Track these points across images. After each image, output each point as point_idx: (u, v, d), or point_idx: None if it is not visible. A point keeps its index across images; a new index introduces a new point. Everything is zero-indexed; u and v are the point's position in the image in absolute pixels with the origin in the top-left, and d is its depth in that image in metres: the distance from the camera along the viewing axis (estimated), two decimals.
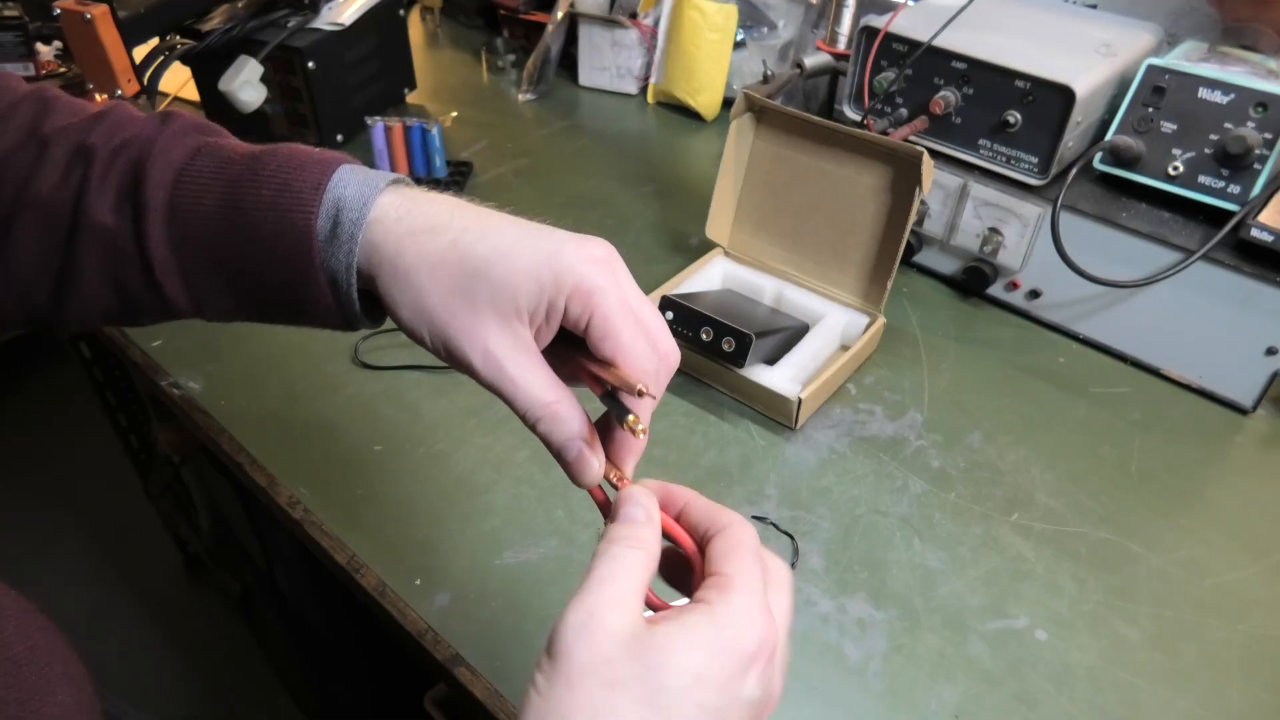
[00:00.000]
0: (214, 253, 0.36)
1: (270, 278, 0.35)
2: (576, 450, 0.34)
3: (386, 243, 0.35)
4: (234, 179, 0.35)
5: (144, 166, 0.35)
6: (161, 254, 0.36)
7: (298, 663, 1.30)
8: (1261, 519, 0.67)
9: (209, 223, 0.35)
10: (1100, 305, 0.80)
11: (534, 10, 1.34)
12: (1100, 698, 0.55)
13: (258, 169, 0.35)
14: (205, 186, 0.35)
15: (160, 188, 0.35)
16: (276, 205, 0.34)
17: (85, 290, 0.37)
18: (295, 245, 0.34)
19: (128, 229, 0.35)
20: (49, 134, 0.37)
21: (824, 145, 0.79)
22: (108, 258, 0.36)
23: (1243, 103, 0.71)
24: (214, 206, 0.35)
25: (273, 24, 1.01)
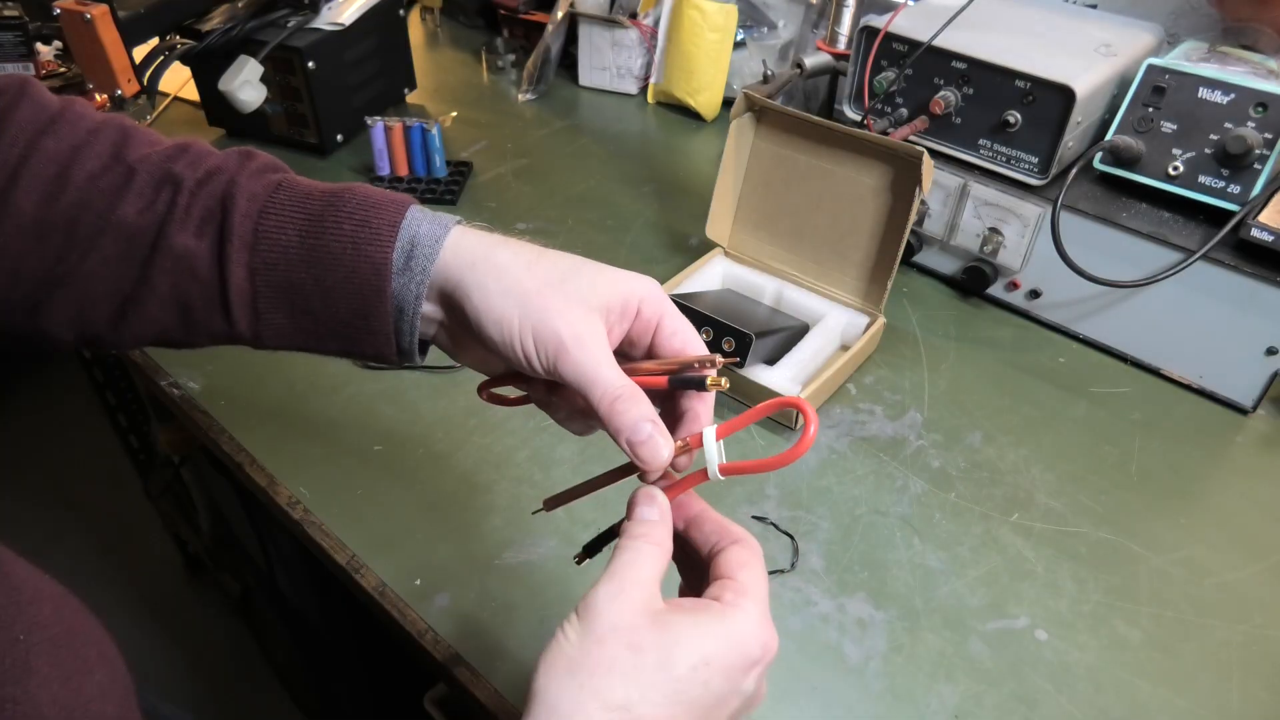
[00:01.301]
0: (288, 281, 0.38)
1: (340, 306, 0.38)
2: (648, 431, 0.36)
3: (476, 253, 0.38)
4: (315, 214, 0.38)
5: (230, 197, 0.38)
6: (239, 280, 0.38)
7: (298, 663, 1.30)
8: (1261, 519, 0.67)
9: (288, 252, 0.38)
10: (1100, 305, 0.80)
11: (534, 10, 1.34)
12: (1100, 698, 0.54)
13: (338, 205, 0.38)
14: (288, 219, 0.38)
15: (246, 217, 0.38)
16: (356, 239, 0.38)
17: (150, 313, 0.39)
18: (370, 276, 0.38)
19: (210, 254, 0.38)
20: (134, 161, 0.39)
21: (824, 145, 0.79)
22: (183, 281, 0.38)
23: (1243, 103, 0.71)
24: (295, 238, 0.38)
25: (273, 24, 1.01)
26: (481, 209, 1.00)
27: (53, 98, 0.41)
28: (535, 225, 0.97)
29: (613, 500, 0.42)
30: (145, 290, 0.39)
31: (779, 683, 0.55)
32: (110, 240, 0.38)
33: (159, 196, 0.38)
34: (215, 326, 0.40)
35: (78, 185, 0.38)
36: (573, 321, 0.37)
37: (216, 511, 1.40)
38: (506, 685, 0.54)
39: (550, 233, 0.96)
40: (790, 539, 0.63)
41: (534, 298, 0.37)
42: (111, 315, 0.39)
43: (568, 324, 0.37)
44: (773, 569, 0.61)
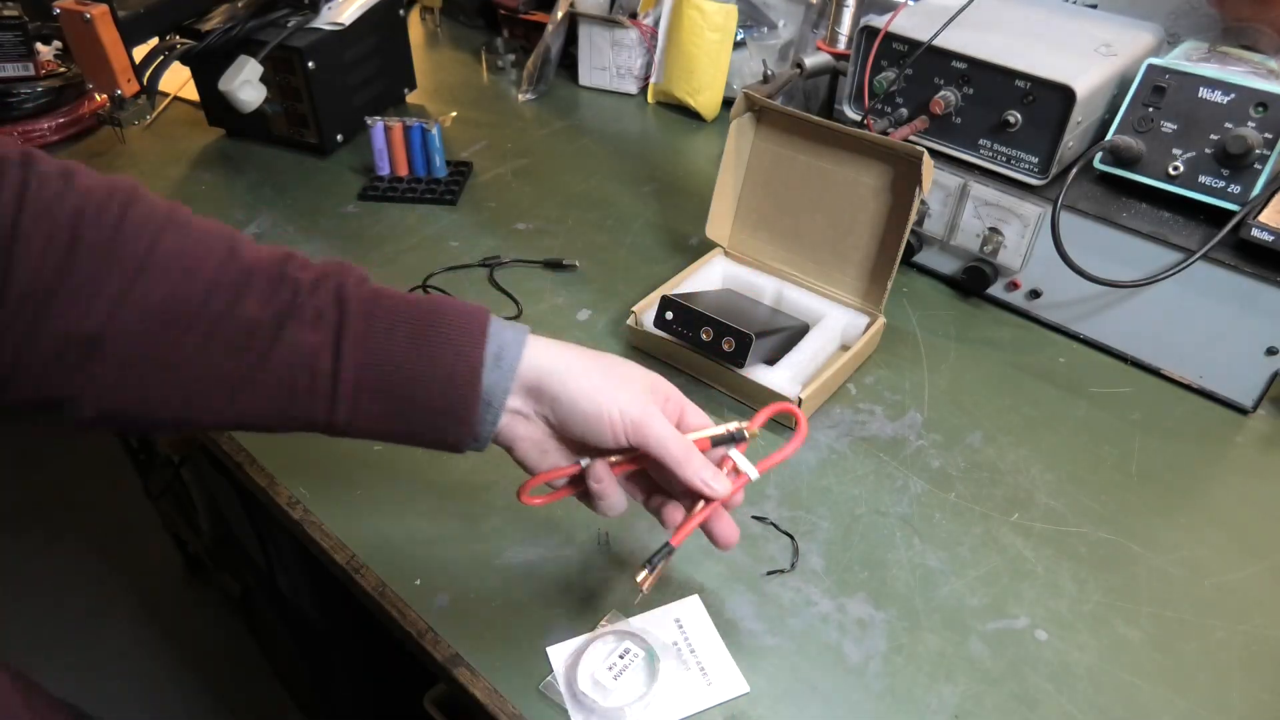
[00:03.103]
0: (394, 377, 0.43)
1: (437, 399, 0.44)
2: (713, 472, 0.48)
3: (549, 354, 0.46)
4: (419, 319, 0.44)
5: (344, 300, 0.43)
6: (349, 373, 0.42)
7: (298, 663, 1.29)
8: (1261, 519, 0.67)
9: (396, 352, 0.43)
10: (1100, 305, 0.80)
11: (534, 10, 1.34)
12: (1100, 698, 0.54)
13: (438, 313, 0.44)
14: (396, 322, 0.43)
15: (359, 318, 0.43)
16: (457, 343, 0.44)
17: (256, 400, 0.43)
18: (467, 374, 0.44)
19: (328, 349, 0.42)
20: (250, 261, 0.42)
21: (824, 145, 0.79)
22: (298, 372, 0.42)
23: (1243, 102, 0.71)
24: (403, 339, 0.43)
25: (272, 24, 1.01)
26: (481, 209, 1.00)
27: (160, 201, 0.43)
28: (535, 225, 0.97)
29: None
30: (259, 378, 0.42)
31: (779, 683, 0.55)
32: (233, 331, 0.41)
33: (278, 294, 0.42)
34: (313, 414, 0.43)
35: (204, 279, 0.41)
36: (645, 402, 0.47)
37: (216, 511, 1.39)
38: (506, 685, 0.54)
39: (550, 233, 0.96)
40: (790, 539, 0.63)
41: (614, 386, 0.47)
42: (219, 402, 0.43)
43: (643, 404, 0.47)
44: (773, 569, 0.61)
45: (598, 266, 0.90)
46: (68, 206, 0.40)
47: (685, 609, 0.58)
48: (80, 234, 0.39)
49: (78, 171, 0.41)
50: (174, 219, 0.42)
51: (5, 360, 0.39)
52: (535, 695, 0.53)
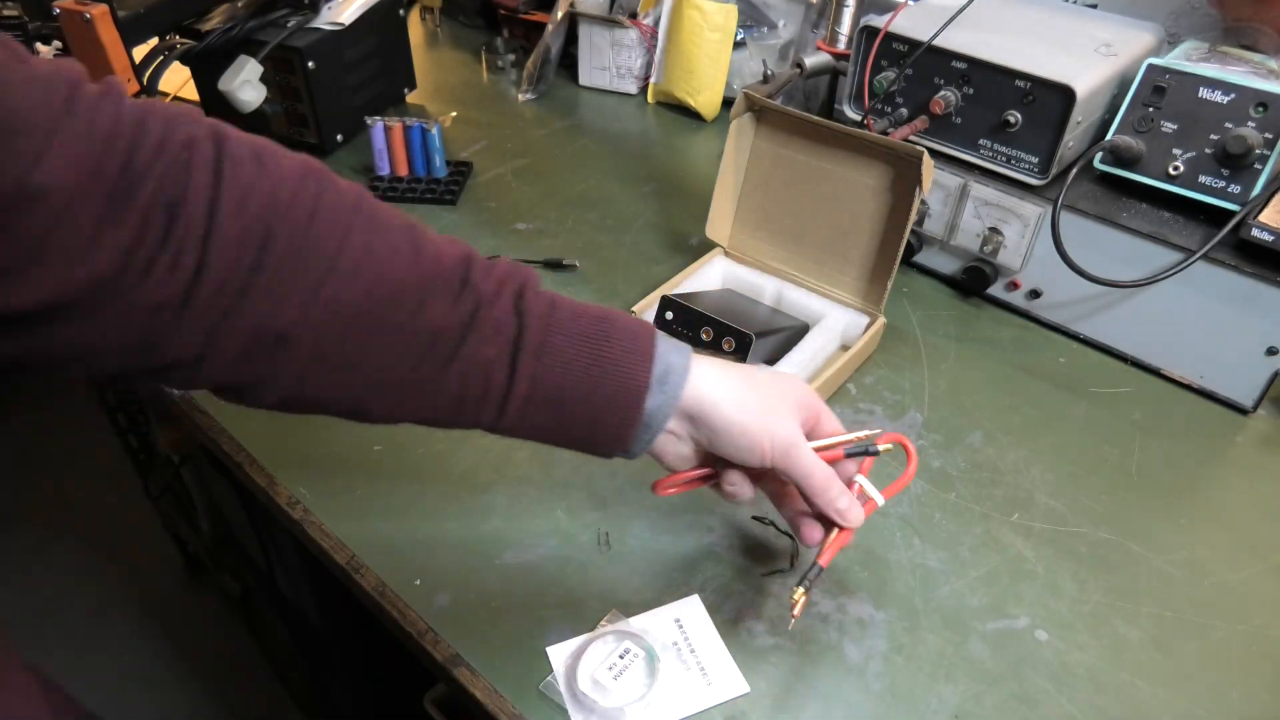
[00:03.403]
0: (564, 391, 0.45)
1: (601, 416, 0.46)
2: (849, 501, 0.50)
3: (709, 379, 0.48)
4: (591, 335, 0.45)
5: (523, 313, 0.44)
6: (523, 386, 0.44)
7: (298, 663, 1.29)
8: (1262, 519, 0.67)
9: (570, 368, 0.44)
10: (1100, 305, 0.80)
11: (534, 10, 1.34)
12: (1100, 698, 0.54)
13: (609, 331, 0.45)
14: (570, 338, 0.44)
15: (536, 333, 0.44)
16: (625, 363, 0.45)
17: (429, 402, 0.44)
18: (633, 394, 0.45)
19: (504, 363, 0.43)
20: (434, 265, 0.42)
21: (824, 145, 0.79)
22: (473, 382, 0.43)
23: (1243, 102, 0.71)
24: (576, 355, 0.44)
25: (272, 24, 1.01)
26: (481, 209, 1.00)
27: (345, 186, 0.43)
28: (535, 225, 0.97)
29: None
30: (436, 385, 0.43)
31: (779, 683, 0.55)
32: (417, 339, 0.42)
33: (461, 303, 0.43)
34: (479, 420, 0.45)
35: (391, 282, 0.41)
36: (794, 430, 0.49)
37: (216, 511, 1.39)
38: (506, 685, 0.54)
39: (550, 233, 0.96)
40: (790, 539, 0.63)
41: (766, 413, 0.48)
42: (392, 401, 0.44)
43: (792, 432, 0.49)
44: (772, 569, 0.61)
45: (598, 266, 0.90)
46: (261, 195, 0.39)
47: (685, 609, 0.58)
48: (274, 230, 0.39)
49: (266, 153, 0.40)
50: (360, 210, 0.42)
51: (194, 347, 0.39)
52: (535, 695, 0.53)
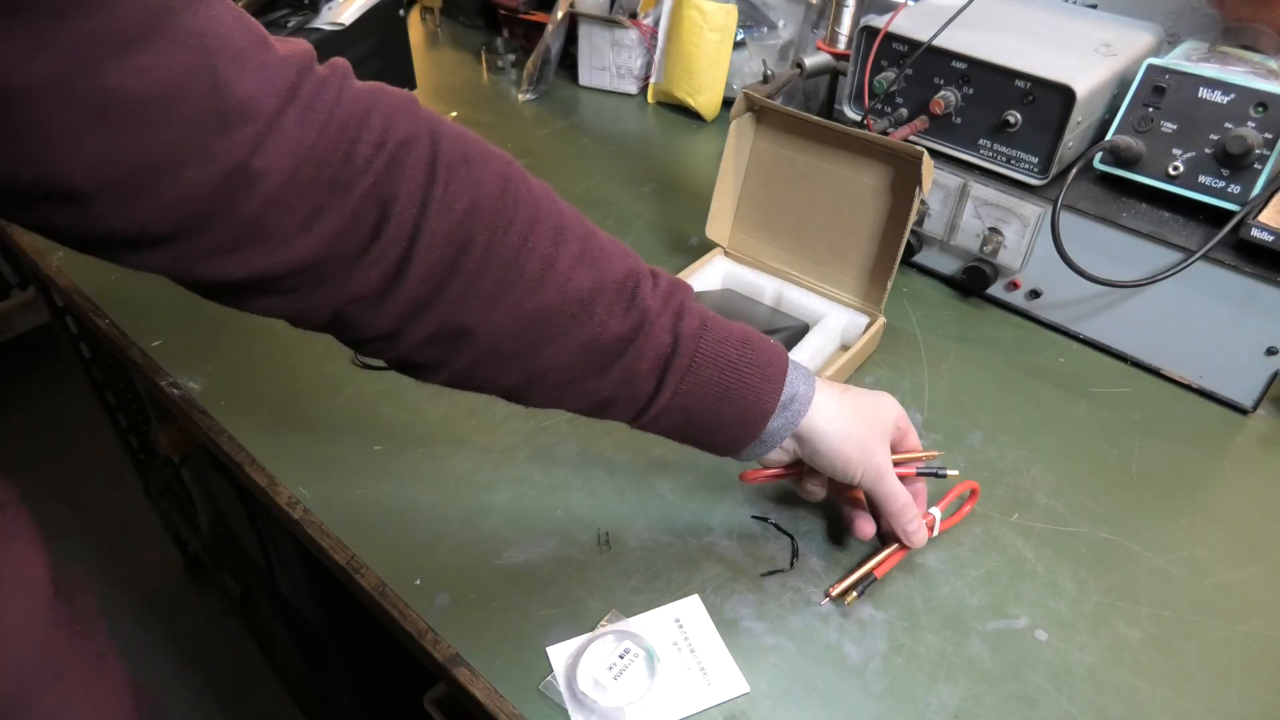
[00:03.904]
0: (697, 406, 0.49)
1: (724, 429, 0.51)
2: (920, 524, 0.59)
3: (825, 411, 0.53)
4: (733, 360, 0.49)
5: (678, 337, 0.47)
6: (664, 400, 0.48)
7: (298, 663, 1.30)
8: (1262, 519, 0.67)
9: (705, 387, 0.48)
10: (1100, 305, 0.80)
11: (534, 10, 1.34)
12: (1100, 698, 0.55)
13: (749, 356, 0.49)
14: (713, 361, 0.48)
15: (684, 355, 0.47)
16: (758, 389, 0.50)
17: (578, 399, 0.48)
18: (758, 417, 0.50)
19: (652, 379, 0.47)
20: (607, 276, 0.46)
21: (824, 145, 0.79)
22: (622, 389, 0.47)
23: (1243, 103, 0.71)
24: (713, 377, 0.48)
25: (272, 24, 1.01)
26: None
27: (534, 183, 0.46)
28: None
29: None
30: (592, 386, 0.47)
31: (779, 683, 0.55)
32: (585, 348, 0.45)
33: (629, 316, 0.46)
34: (621, 417, 0.50)
35: (572, 294, 0.44)
36: (883, 456, 0.55)
37: (216, 511, 1.40)
38: (506, 685, 0.54)
39: None
40: (790, 539, 0.63)
41: (865, 443, 0.54)
42: (552, 394, 0.48)
43: (883, 458, 0.55)
44: (772, 569, 0.61)
45: None
46: (466, 201, 0.41)
47: (685, 609, 0.58)
48: (474, 236, 0.41)
49: (474, 156, 0.43)
50: (549, 220, 0.45)
51: (383, 331, 0.43)
52: (535, 695, 0.53)
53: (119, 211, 0.34)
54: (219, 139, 0.35)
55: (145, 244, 0.37)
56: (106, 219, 0.35)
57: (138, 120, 0.33)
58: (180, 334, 0.80)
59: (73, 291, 0.85)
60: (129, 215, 0.35)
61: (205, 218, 0.36)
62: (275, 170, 0.36)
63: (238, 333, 0.80)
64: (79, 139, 0.32)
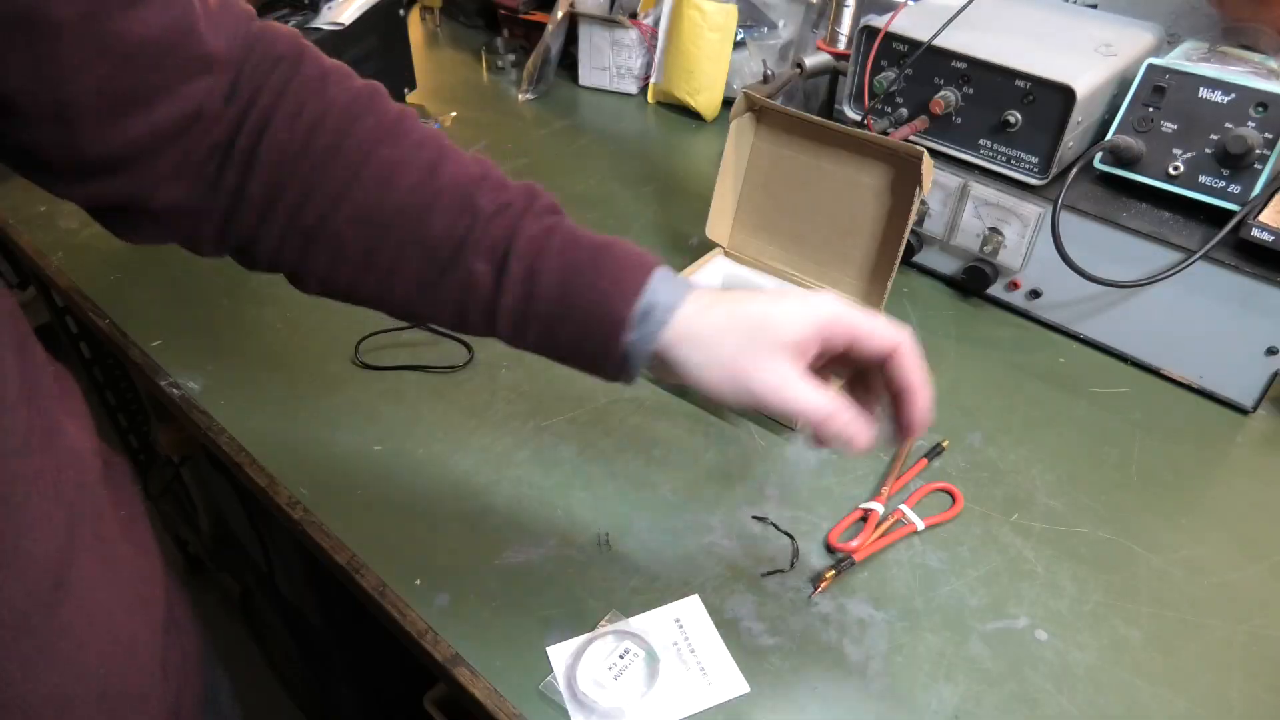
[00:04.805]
0: (548, 313, 0.46)
1: (583, 341, 0.47)
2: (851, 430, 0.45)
3: (690, 327, 0.46)
4: (579, 263, 0.46)
5: (515, 234, 0.46)
6: (508, 303, 0.46)
7: (298, 663, 1.30)
8: (1261, 519, 0.67)
9: (550, 291, 0.46)
10: (1100, 305, 0.80)
11: (534, 10, 1.34)
12: (1100, 698, 0.55)
13: (599, 260, 0.46)
14: (556, 265, 0.46)
15: (522, 257, 0.46)
16: (607, 293, 0.45)
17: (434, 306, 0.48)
18: (611, 327, 0.46)
19: (492, 280, 0.46)
20: (444, 183, 0.46)
21: (824, 145, 0.79)
22: (466, 293, 0.47)
23: (1243, 102, 0.71)
24: (557, 280, 0.46)
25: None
26: None
27: (392, 108, 0.48)
28: None
29: None
30: (439, 291, 0.47)
31: (779, 683, 0.55)
32: (419, 247, 0.46)
33: (460, 220, 0.46)
34: (483, 328, 0.48)
35: (399, 194, 0.46)
36: (766, 376, 0.45)
37: (216, 511, 1.40)
38: (506, 685, 0.54)
39: None
40: (790, 539, 0.63)
41: (730, 364, 0.45)
42: (410, 299, 0.48)
43: (761, 380, 0.45)
44: (773, 569, 0.61)
45: None
46: (311, 113, 0.46)
47: (685, 609, 0.58)
48: (312, 142, 0.46)
49: (332, 78, 0.47)
50: (395, 131, 0.47)
51: (246, 234, 0.47)
52: (535, 695, 0.53)
53: (100, 135, 0.41)
54: (186, 83, 0.42)
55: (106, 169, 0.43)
56: (86, 142, 0.41)
57: (134, 60, 0.40)
58: (180, 334, 0.80)
59: (73, 291, 0.85)
60: (107, 139, 0.41)
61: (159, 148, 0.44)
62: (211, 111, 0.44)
63: (238, 333, 0.80)
64: (89, 69, 0.39)
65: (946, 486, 0.67)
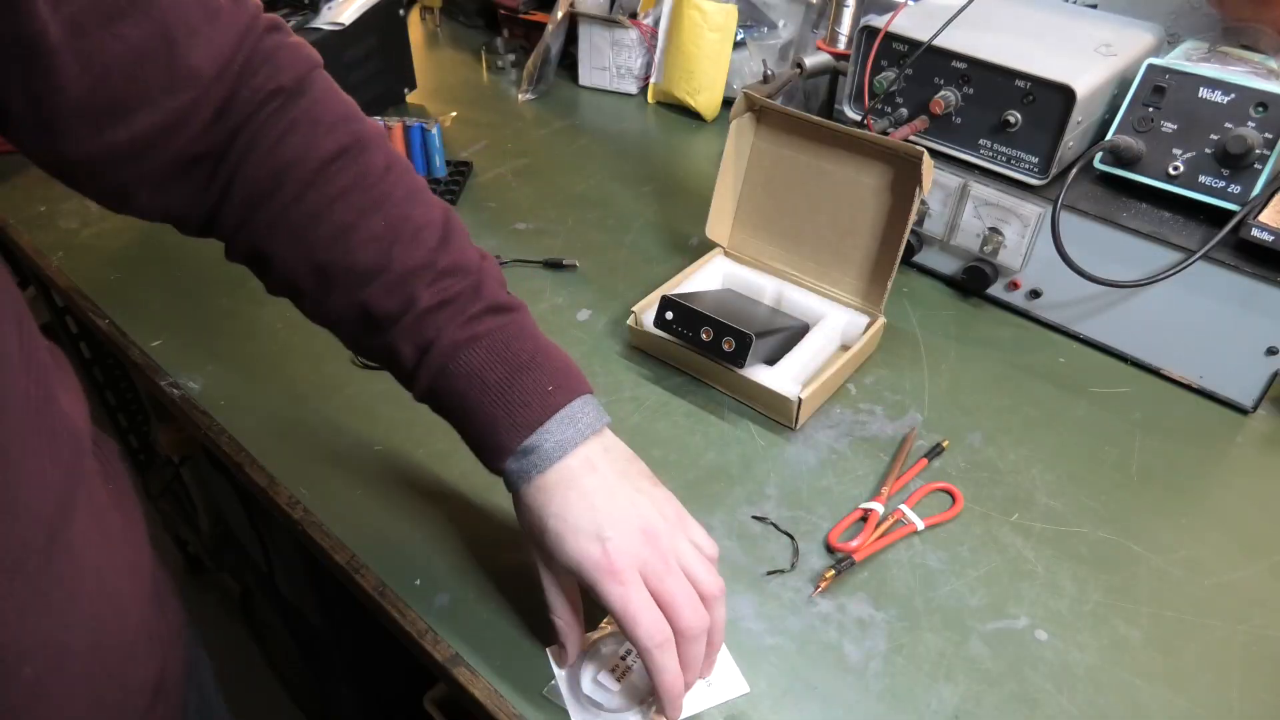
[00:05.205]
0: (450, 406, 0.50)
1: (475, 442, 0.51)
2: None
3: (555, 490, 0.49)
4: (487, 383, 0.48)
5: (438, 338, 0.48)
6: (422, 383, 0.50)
7: (298, 663, 1.30)
8: (1262, 519, 0.67)
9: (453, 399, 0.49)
10: (1100, 305, 0.80)
11: (534, 10, 1.34)
12: (1100, 698, 0.55)
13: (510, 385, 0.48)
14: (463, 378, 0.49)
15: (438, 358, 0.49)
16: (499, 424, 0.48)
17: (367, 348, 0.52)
18: (495, 453, 0.49)
19: (412, 363, 0.50)
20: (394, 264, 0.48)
21: (824, 145, 0.79)
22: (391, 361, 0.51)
23: (1243, 102, 0.71)
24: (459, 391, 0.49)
25: None
26: (482, 209, 1.00)
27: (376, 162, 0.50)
28: (535, 225, 0.97)
29: None
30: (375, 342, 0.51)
31: (779, 683, 0.55)
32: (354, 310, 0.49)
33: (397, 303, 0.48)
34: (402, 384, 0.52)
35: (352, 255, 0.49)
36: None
37: (216, 511, 1.40)
38: (506, 685, 0.54)
39: (550, 232, 0.96)
40: (790, 539, 0.63)
41: (541, 543, 0.49)
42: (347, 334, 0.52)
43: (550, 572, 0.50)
44: (773, 569, 0.61)
45: (598, 266, 0.90)
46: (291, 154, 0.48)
47: None
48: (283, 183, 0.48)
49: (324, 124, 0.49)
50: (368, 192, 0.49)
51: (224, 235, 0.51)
52: (536, 696, 0.53)
53: (82, 141, 0.43)
54: (167, 96, 0.44)
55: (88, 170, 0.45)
56: (68, 147, 0.43)
57: (115, 73, 0.42)
58: (180, 334, 0.80)
59: (73, 291, 0.85)
60: (88, 145, 0.43)
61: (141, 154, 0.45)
62: (196, 124, 0.46)
63: (238, 333, 0.80)
64: (73, 83, 0.41)
65: (946, 486, 0.67)
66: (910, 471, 0.68)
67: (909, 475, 0.68)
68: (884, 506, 0.65)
